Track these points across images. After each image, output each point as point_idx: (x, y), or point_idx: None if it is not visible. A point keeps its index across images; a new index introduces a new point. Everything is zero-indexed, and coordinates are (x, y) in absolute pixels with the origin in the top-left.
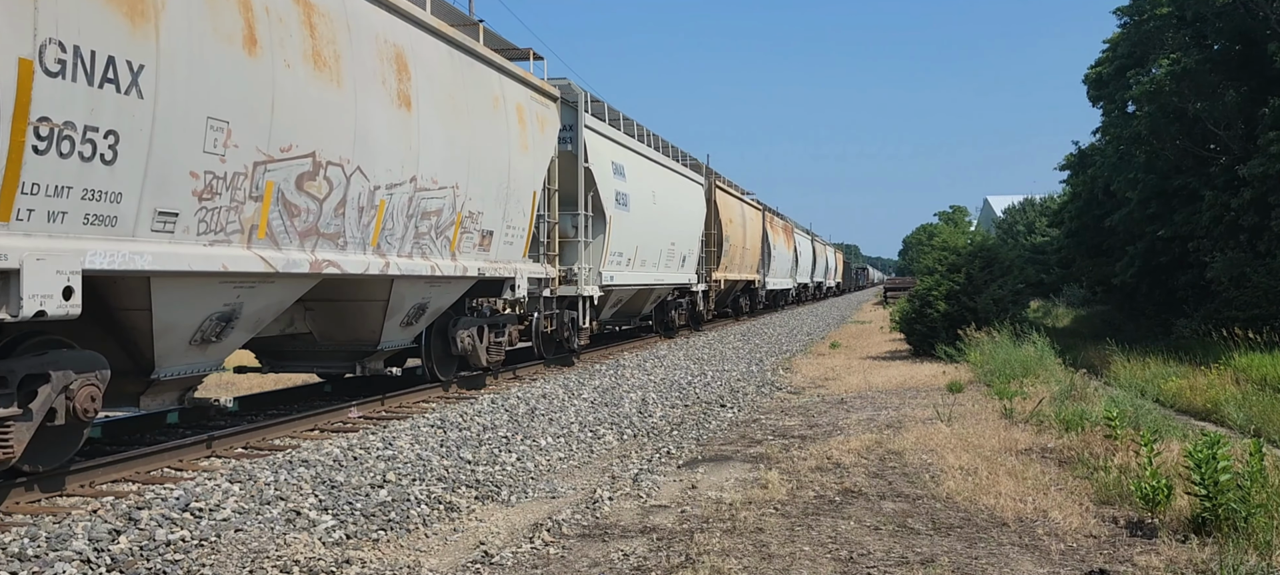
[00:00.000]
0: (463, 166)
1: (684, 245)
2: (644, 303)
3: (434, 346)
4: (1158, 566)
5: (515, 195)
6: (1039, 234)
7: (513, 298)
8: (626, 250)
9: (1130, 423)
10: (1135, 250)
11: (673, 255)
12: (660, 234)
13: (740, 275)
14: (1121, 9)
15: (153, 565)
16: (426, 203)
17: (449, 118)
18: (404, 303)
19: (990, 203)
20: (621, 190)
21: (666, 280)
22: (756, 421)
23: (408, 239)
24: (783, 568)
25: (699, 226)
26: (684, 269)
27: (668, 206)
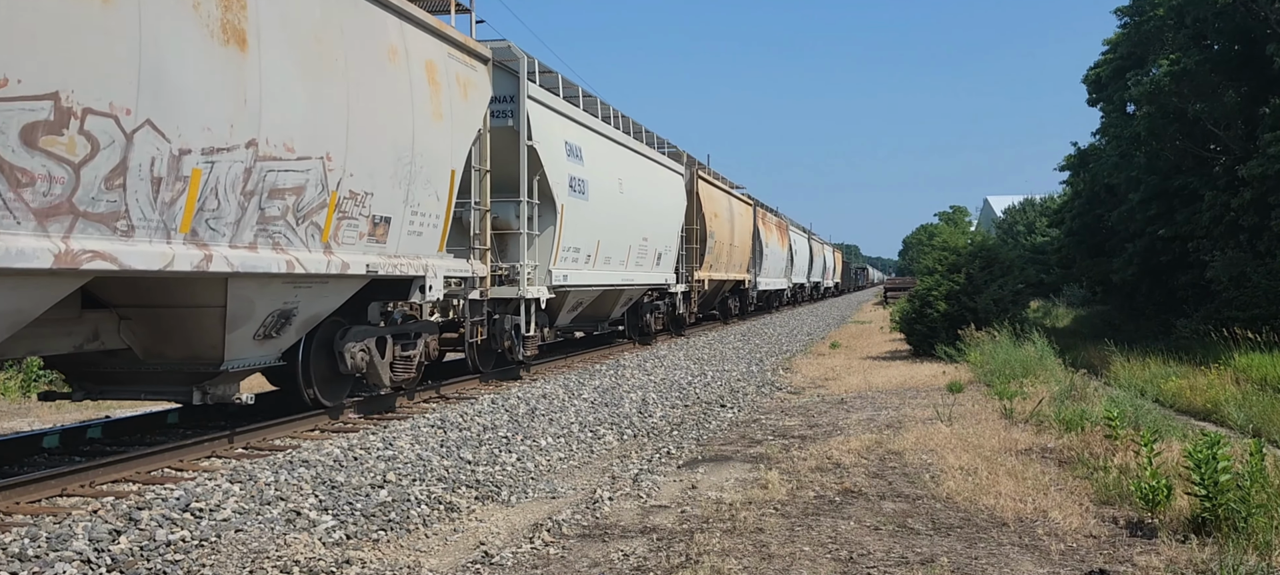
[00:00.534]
0: (337, 132)
1: (660, 241)
2: (612, 305)
3: (316, 364)
4: (1158, 566)
5: (424, 175)
6: (1039, 234)
7: (424, 301)
8: (584, 245)
9: (1130, 423)
10: (1135, 249)
11: (646, 252)
12: (629, 228)
13: (728, 275)
14: (1121, 9)
15: (153, 565)
16: (277, 177)
17: (314, 67)
18: (254, 309)
19: (990, 203)
20: (577, 175)
21: (638, 280)
22: (756, 421)
23: (248, 225)
24: (783, 568)
25: (678, 221)
26: (660, 267)
27: (639, 197)
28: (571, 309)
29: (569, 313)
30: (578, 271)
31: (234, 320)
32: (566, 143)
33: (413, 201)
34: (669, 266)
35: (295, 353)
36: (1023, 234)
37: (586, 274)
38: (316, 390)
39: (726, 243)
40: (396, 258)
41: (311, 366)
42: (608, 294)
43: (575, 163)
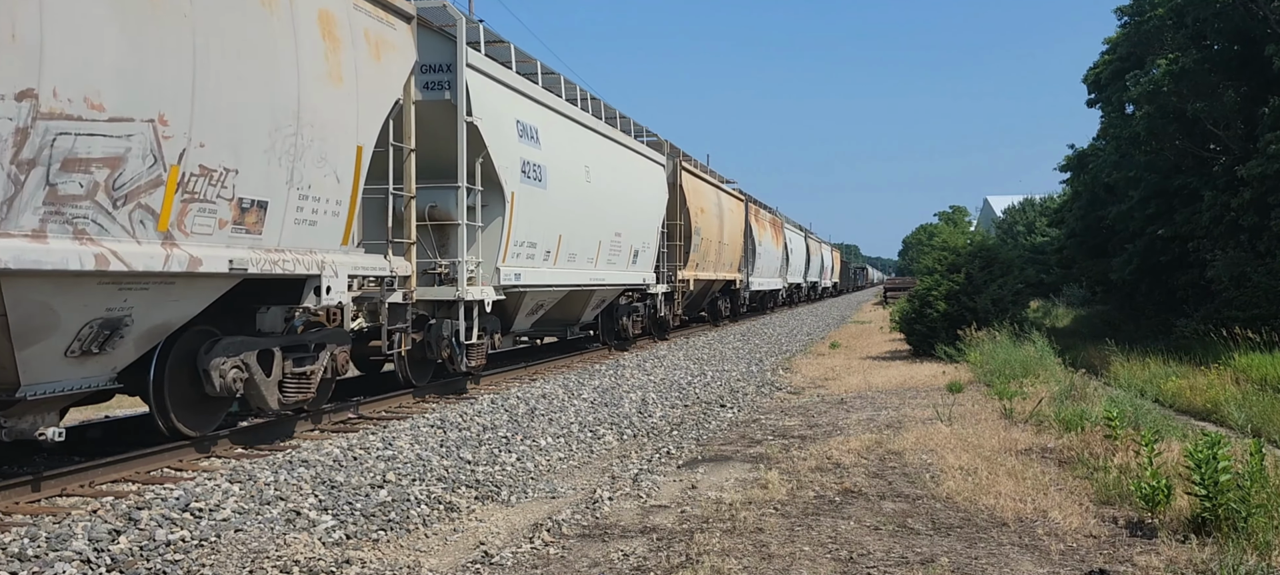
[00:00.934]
0: (178, 88)
1: (636, 237)
2: (582, 308)
3: (173, 385)
4: (1158, 566)
5: (316, 149)
6: (1039, 234)
7: (321, 305)
8: (542, 239)
9: (1130, 423)
10: (1134, 248)
11: (620, 249)
12: (599, 221)
13: (717, 274)
14: (1122, 8)
15: (153, 565)
16: (77, 143)
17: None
18: (57, 319)
19: (990, 203)
20: (533, 160)
21: (612, 280)
22: (756, 421)
23: (27, 206)
24: (783, 568)
25: (658, 215)
26: (637, 266)
27: (611, 187)
28: (530, 312)
29: (528, 316)
30: (534, 270)
31: (25, 334)
32: (519, 122)
33: (300, 182)
34: (648, 265)
35: (146, 371)
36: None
37: (545, 272)
38: (175, 417)
39: (715, 240)
40: (278, 253)
41: (166, 389)
42: (575, 295)
43: (530, 145)
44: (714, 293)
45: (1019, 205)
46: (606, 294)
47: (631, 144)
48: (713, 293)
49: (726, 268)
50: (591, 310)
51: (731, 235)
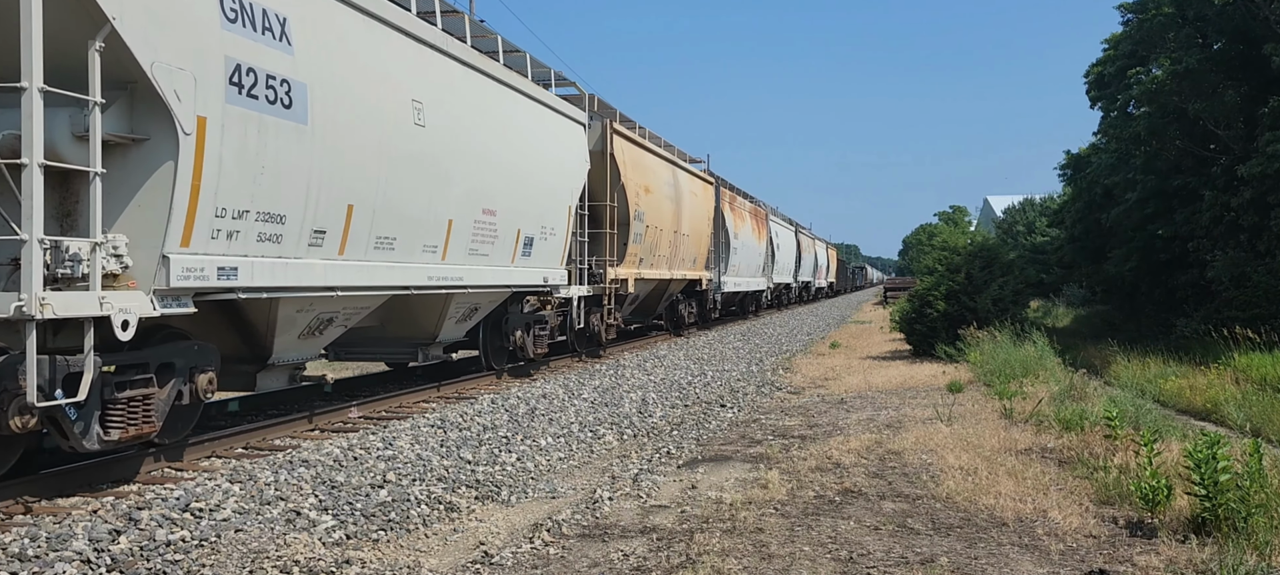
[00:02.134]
0: None
1: (529, 218)
2: (432, 320)
3: None
4: (1157, 566)
5: None
6: (1039, 234)
7: None
8: (293, 210)
9: (1130, 423)
10: (1132, 246)
11: (496, 235)
12: (447, 190)
13: (673, 272)
14: (1125, 5)
15: (153, 565)
16: None
17: None
18: None
19: (990, 203)
20: (267, 66)
21: (483, 280)
22: (756, 421)
23: None
24: (783, 568)
25: (572, 190)
26: (532, 259)
27: (473, 141)
28: (309, 332)
29: (306, 337)
30: (283, 262)
31: None
32: None
33: None
34: (553, 258)
35: None
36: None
37: (316, 267)
38: None
39: (667, 229)
40: None
41: None
42: (398, 302)
43: (257, 40)
44: (673, 295)
45: (1019, 205)
46: (479, 300)
47: (521, 86)
48: (671, 295)
49: (687, 264)
50: (454, 322)
51: (695, 225)
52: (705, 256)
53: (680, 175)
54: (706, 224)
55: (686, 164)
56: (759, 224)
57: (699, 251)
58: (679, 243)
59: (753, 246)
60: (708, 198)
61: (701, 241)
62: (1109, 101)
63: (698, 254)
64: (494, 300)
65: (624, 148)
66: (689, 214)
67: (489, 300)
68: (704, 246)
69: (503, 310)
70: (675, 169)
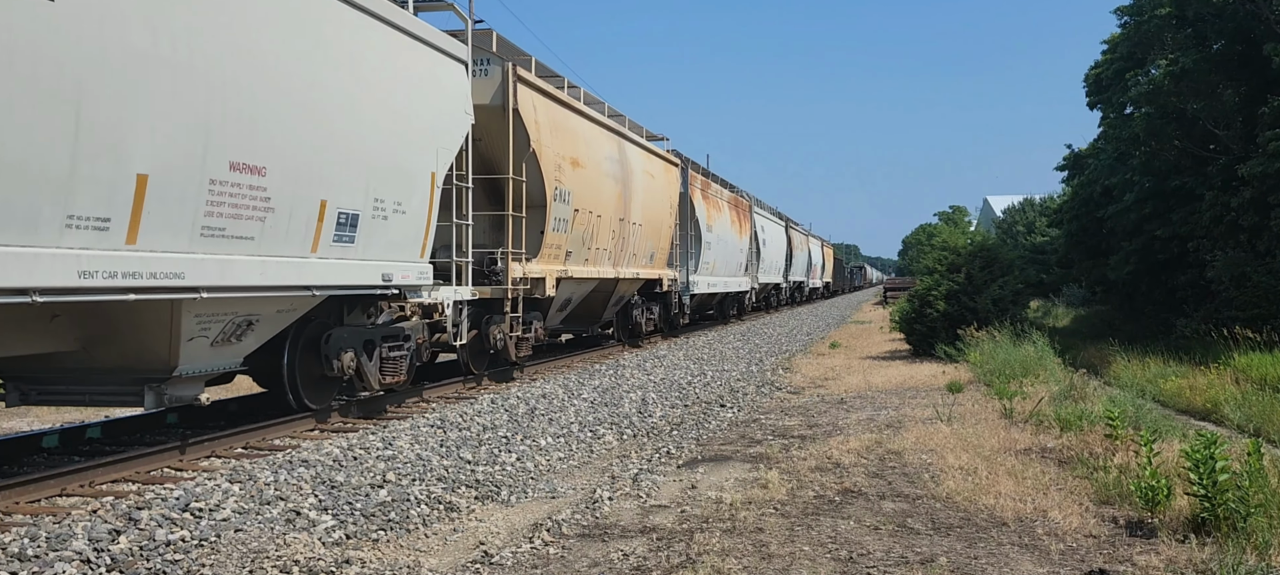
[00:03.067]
0: None
1: (347, 187)
2: (162, 341)
3: None
4: (1157, 566)
5: None
6: (1039, 234)
7: None
8: None
9: (1130, 422)
10: (1131, 247)
11: (268, 207)
12: (126, 119)
13: (619, 270)
14: (1122, 8)
15: (153, 565)
16: None
17: None
18: None
19: (990, 203)
20: None
21: (214, 279)
22: (756, 421)
23: None
24: (782, 568)
25: (439, 151)
26: (356, 248)
27: (191, 41)
28: None
29: None
30: None
31: None
32: None
33: None
34: (405, 246)
35: None
36: (1022, 234)
37: None
38: None
39: (609, 215)
40: None
41: None
42: (85, 314)
43: None
44: (625, 298)
45: (1019, 205)
46: (244, 309)
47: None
48: (623, 298)
49: (641, 260)
50: (205, 345)
51: (652, 213)
52: (667, 251)
53: (630, 150)
54: (668, 213)
55: (640, 138)
56: (740, 216)
57: (659, 245)
58: (628, 234)
59: (731, 242)
60: (670, 182)
61: (662, 233)
62: (1108, 103)
63: (657, 248)
64: (285, 309)
65: (535, 103)
66: (643, 199)
67: (273, 308)
68: (665, 239)
69: (319, 326)
70: (621, 142)
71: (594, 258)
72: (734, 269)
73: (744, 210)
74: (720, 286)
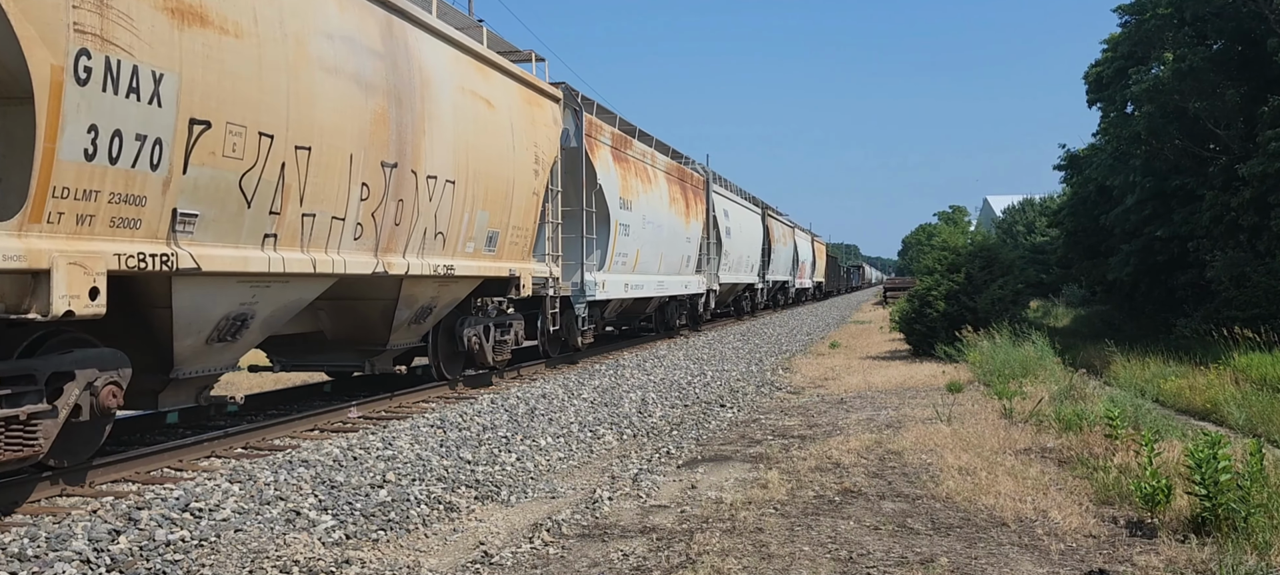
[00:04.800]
0: None
1: (508, 213)
2: None
3: None
4: (1158, 566)
5: None
6: (1039, 234)
7: None
8: None
9: (1130, 422)
10: (1130, 248)
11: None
12: None
13: (391, 258)
14: (1122, 7)
15: (152, 565)
16: None
17: None
18: None
19: (990, 203)
20: None
21: None
22: (756, 421)
23: None
24: (782, 568)
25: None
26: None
27: None
28: None
29: None
30: None
31: None
32: None
33: None
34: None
35: None
36: (1022, 234)
37: None
38: None
39: (341, 149)
40: None
41: None
42: None
43: None
44: (425, 311)
45: (1019, 205)
46: None
47: None
48: (421, 311)
49: (458, 244)
50: None
51: (485, 165)
52: (531, 235)
53: (423, 44)
54: (532, 172)
55: (470, 42)
56: (688, 195)
57: (509, 223)
58: (417, 195)
59: (670, 227)
60: (539, 122)
61: (516, 205)
62: (1108, 102)
63: (505, 228)
64: (453, 297)
65: None
66: (462, 138)
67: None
68: (528, 216)
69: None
70: (394, 22)
71: (316, 241)
72: (676, 264)
73: (695, 188)
74: (651, 287)
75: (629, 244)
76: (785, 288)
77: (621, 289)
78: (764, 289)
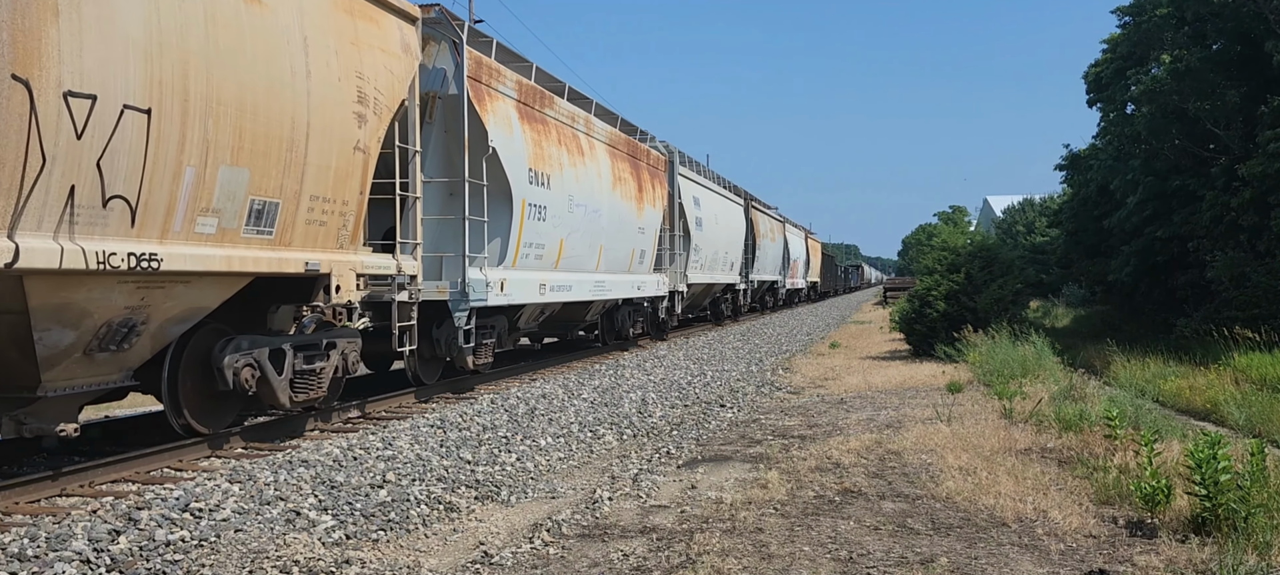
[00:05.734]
0: None
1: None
2: None
3: None
4: (1158, 566)
5: None
6: (1039, 234)
7: None
8: None
9: (1130, 422)
10: (1131, 249)
11: None
12: None
13: (78, 239)
14: (1122, 8)
15: (152, 565)
16: None
17: None
18: None
19: (990, 203)
20: None
21: None
22: (756, 421)
23: None
24: (782, 568)
25: None
26: None
27: None
28: None
29: None
30: None
31: None
32: None
33: None
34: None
35: None
36: (1022, 234)
37: None
38: None
39: None
40: None
41: None
42: None
43: None
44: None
45: (1019, 205)
46: None
47: None
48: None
49: (229, 226)
50: None
51: (274, 105)
52: (355, 215)
53: None
54: (343, 114)
55: None
56: (642, 176)
57: (291, 189)
58: (125, 144)
59: (614, 213)
60: (372, 46)
61: (309, 160)
62: (1108, 102)
63: (289, 196)
64: None
65: None
66: (183, 49)
67: None
68: (349, 186)
69: None
70: None
71: None
72: (625, 260)
73: (654, 168)
74: (585, 289)
75: (546, 232)
76: (774, 288)
77: (535, 292)
78: (747, 290)
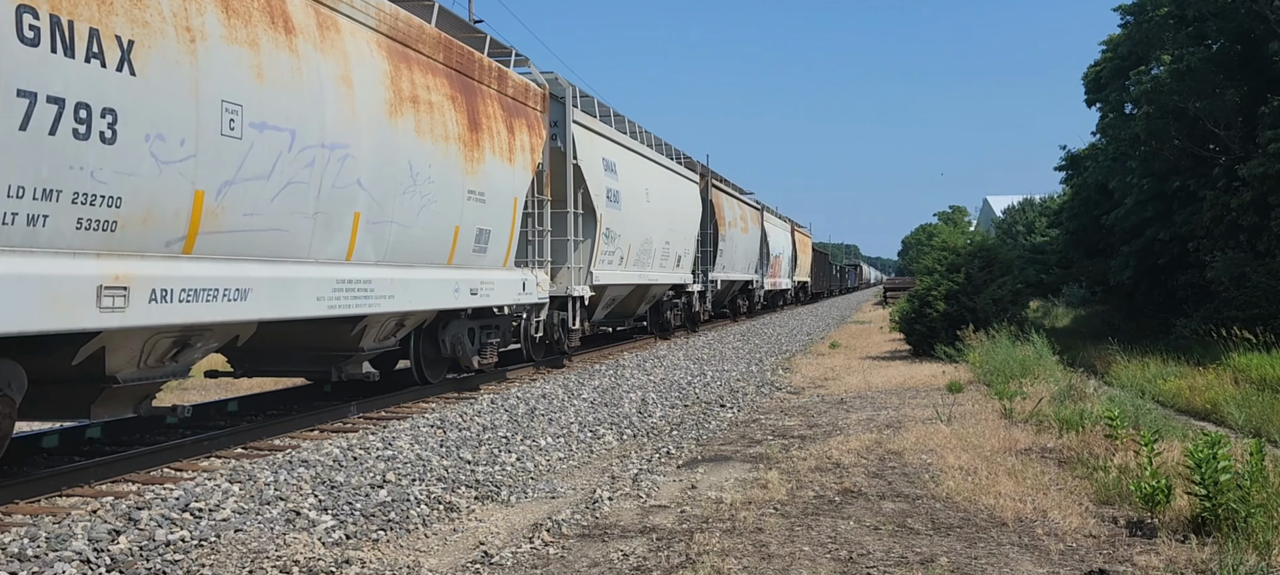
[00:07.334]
0: None
1: None
2: None
3: None
4: (1157, 566)
5: None
6: (1039, 234)
7: None
8: None
9: (1130, 422)
10: (1130, 249)
11: None
12: None
13: None
14: (1123, 7)
15: (152, 565)
16: None
17: None
18: None
19: (990, 203)
20: None
21: None
22: (756, 421)
23: None
24: (782, 568)
25: None
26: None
27: None
28: None
29: None
30: None
31: None
32: None
33: None
34: None
35: None
36: (1022, 234)
37: None
38: None
39: None
40: None
41: None
42: None
43: None
44: None
45: (1019, 205)
46: None
47: None
48: None
49: None
50: None
51: None
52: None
53: None
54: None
55: None
56: (482, 113)
57: None
58: None
59: (382, 157)
60: None
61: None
62: (1107, 102)
63: None
64: None
65: None
66: None
67: None
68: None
69: None
70: None
71: None
72: (431, 250)
73: (516, 103)
74: (501, 294)
75: (412, 223)
76: (748, 290)
77: (404, 299)
78: (704, 293)
